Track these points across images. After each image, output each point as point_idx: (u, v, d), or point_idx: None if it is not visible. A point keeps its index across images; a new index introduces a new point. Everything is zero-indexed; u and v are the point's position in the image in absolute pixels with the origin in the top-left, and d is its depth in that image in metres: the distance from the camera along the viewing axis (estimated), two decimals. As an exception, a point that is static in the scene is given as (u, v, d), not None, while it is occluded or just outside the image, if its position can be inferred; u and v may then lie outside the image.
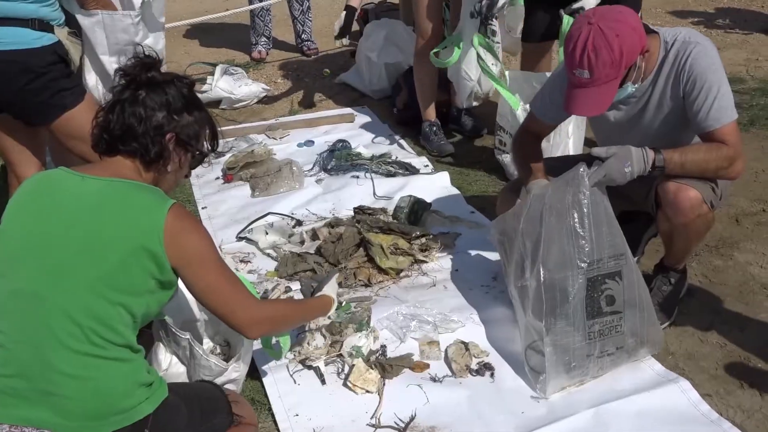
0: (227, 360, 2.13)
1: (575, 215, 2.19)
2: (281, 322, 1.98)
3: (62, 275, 1.60)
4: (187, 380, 1.99)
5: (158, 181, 1.81)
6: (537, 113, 2.63)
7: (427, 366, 2.39)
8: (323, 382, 2.34)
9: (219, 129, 1.92)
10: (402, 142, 4.18)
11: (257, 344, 2.26)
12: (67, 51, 2.55)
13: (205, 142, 1.87)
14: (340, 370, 2.39)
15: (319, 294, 2.18)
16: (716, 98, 2.25)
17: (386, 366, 2.37)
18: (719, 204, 2.47)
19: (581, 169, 2.21)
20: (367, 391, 2.31)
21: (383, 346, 2.48)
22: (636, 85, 2.35)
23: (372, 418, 2.21)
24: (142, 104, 1.75)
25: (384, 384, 2.32)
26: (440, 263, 2.96)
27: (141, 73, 1.79)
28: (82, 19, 2.75)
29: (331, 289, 2.21)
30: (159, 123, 1.75)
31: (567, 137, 3.49)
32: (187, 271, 1.70)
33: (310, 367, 2.38)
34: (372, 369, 2.35)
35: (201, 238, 1.74)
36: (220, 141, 1.94)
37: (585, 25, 2.19)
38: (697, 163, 2.27)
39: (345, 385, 2.34)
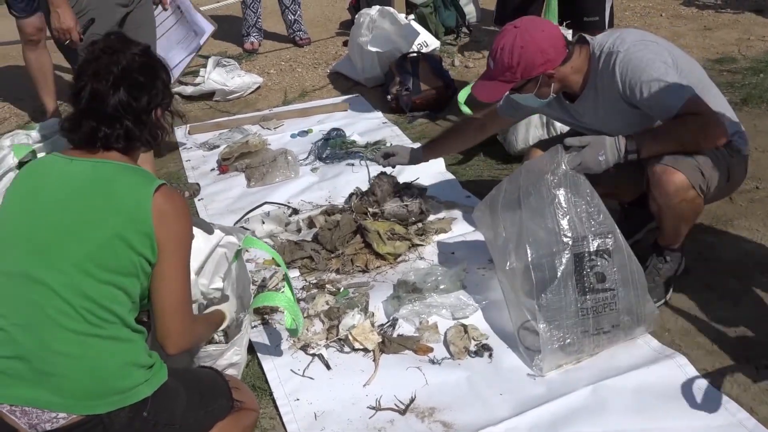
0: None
1: (557, 196, 2.28)
2: (197, 340, 1.97)
3: (50, 255, 1.61)
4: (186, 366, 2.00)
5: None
6: (498, 110, 2.93)
7: (431, 349, 2.40)
8: (328, 367, 2.35)
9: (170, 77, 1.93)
10: (396, 128, 4.19)
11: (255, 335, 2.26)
12: None
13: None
14: (338, 350, 2.42)
15: (213, 309, 2.09)
16: (659, 91, 2.28)
17: (386, 340, 2.41)
18: (722, 190, 2.47)
19: (559, 153, 2.30)
20: (365, 349, 2.37)
21: (394, 319, 2.51)
22: (543, 101, 2.53)
23: (369, 392, 2.24)
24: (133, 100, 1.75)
25: (381, 354, 2.37)
26: (437, 247, 2.98)
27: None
28: None
29: (228, 306, 2.13)
30: (144, 107, 1.77)
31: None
32: (163, 251, 1.69)
33: (313, 356, 2.40)
34: (377, 333, 2.41)
35: (187, 224, 1.76)
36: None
37: (512, 27, 2.43)
38: (672, 136, 2.30)
39: (346, 338, 2.40)
